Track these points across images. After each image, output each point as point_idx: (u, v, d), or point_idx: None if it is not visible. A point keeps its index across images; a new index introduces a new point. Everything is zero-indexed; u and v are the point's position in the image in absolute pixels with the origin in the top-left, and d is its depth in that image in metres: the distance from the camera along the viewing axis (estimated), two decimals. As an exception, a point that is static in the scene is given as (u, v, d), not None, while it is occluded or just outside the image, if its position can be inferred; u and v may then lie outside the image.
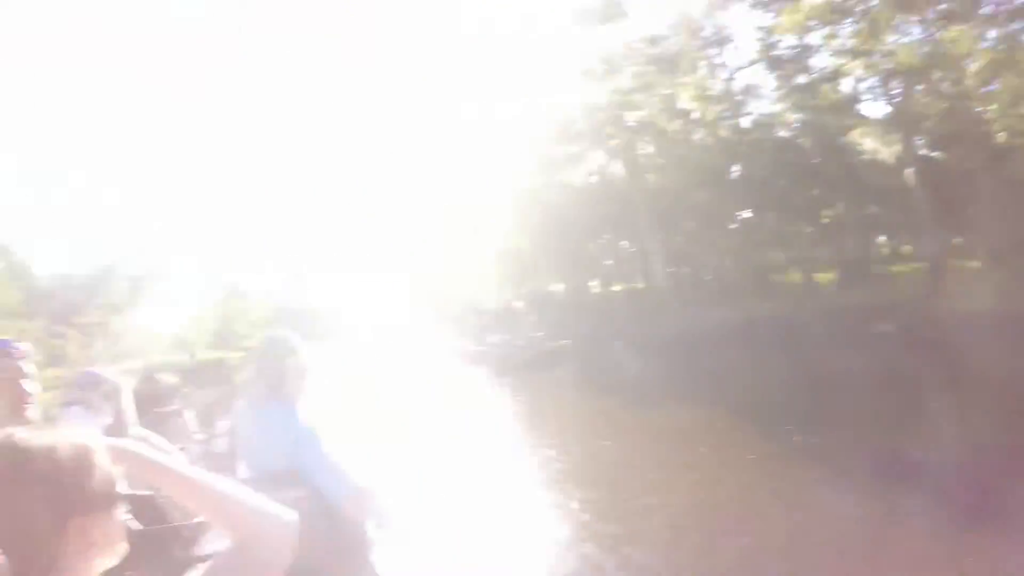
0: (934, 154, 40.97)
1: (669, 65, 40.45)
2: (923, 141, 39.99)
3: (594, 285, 44.74)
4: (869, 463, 11.84)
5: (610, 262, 44.25)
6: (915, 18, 34.32)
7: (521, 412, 19.46)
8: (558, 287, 45.72)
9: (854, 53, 34.31)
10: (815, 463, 12.10)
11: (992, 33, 33.62)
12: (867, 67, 34.32)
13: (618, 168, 42.75)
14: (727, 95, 40.28)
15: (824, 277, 38.71)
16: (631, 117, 41.02)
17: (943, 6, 34.36)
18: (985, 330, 25.78)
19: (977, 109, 33.61)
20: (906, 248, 50.64)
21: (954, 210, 41.16)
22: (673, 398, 19.42)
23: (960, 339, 25.78)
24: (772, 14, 37.99)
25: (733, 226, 39.97)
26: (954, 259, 39.06)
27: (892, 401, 17.67)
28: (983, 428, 15.66)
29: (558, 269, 43.26)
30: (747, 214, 40.47)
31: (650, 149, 42.46)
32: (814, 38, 37.41)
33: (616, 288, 43.37)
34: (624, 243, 43.07)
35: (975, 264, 36.50)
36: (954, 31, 33.94)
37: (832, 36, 35.80)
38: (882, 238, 52.12)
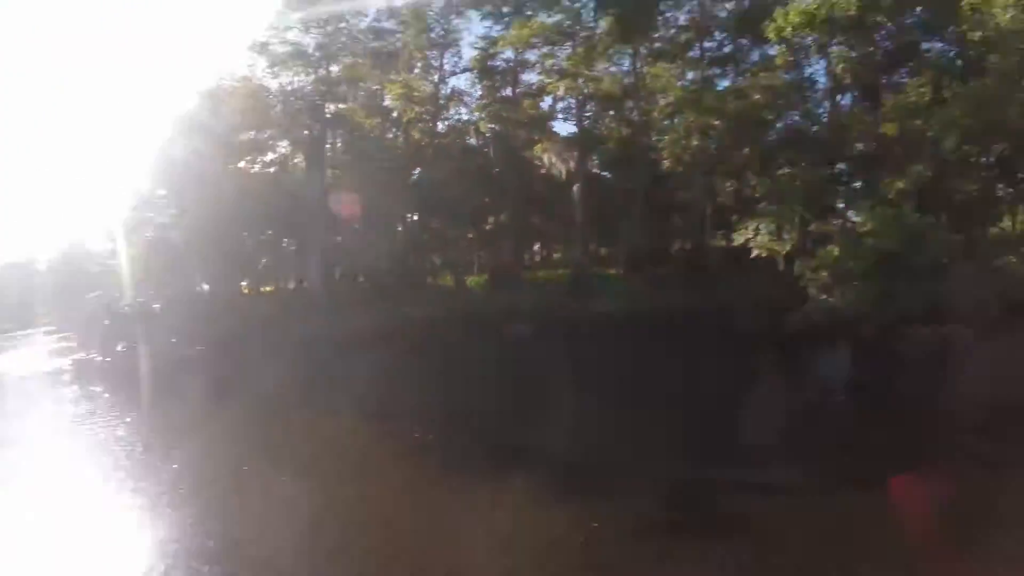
0: (603, 174, 44.57)
1: (387, 60, 39.87)
2: (596, 161, 43.22)
3: (245, 286, 42.32)
4: (483, 460, 13.32)
5: (266, 261, 41.96)
6: (629, 51, 36.77)
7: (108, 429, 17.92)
8: (206, 287, 42.58)
9: (563, 74, 35.82)
10: (433, 460, 13.44)
11: (690, 75, 37.38)
12: (570, 89, 36.18)
13: (300, 161, 41.04)
14: (433, 98, 40.41)
15: (476, 281, 39.99)
16: (331, 108, 39.70)
17: (658, 45, 37.40)
18: (612, 328, 28.52)
19: (655, 138, 36.89)
20: (557, 256, 54.50)
21: (608, 224, 45.22)
22: (298, 404, 19.44)
23: (590, 336, 28.40)
24: (501, 26, 39.35)
25: (399, 229, 40.07)
26: (598, 267, 42.64)
27: (516, 398, 19.66)
28: (593, 420, 16.97)
29: (210, 267, 40.05)
30: (415, 218, 40.77)
31: (339, 144, 41.31)
32: (531, 55, 39.34)
33: (267, 289, 41.53)
34: (285, 242, 41.24)
35: (615, 271, 39.88)
36: (659, 68, 37.19)
37: (549, 56, 37.45)
38: (536, 246, 55.51)
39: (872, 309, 22.97)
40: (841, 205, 33.40)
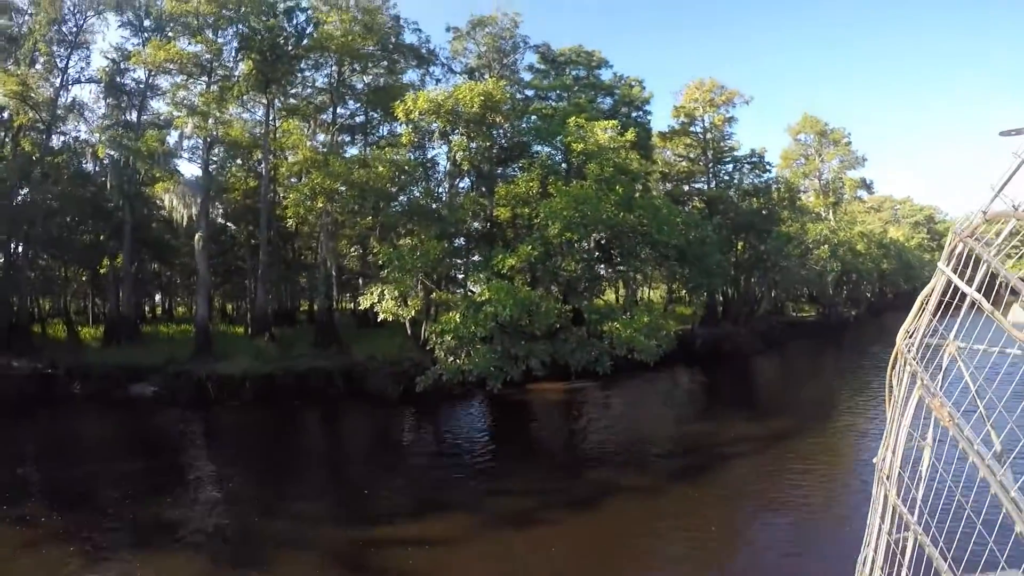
0: (228, 224, 43.25)
1: (7, 45, 34.23)
2: (222, 211, 41.82)
3: None
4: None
5: None
6: (264, 101, 35.86)
7: None
8: None
9: (193, 110, 33.65)
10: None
11: (321, 137, 37.67)
12: (198, 128, 33.97)
13: None
14: (51, 104, 35.35)
15: (91, 333, 36.28)
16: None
17: (293, 101, 37.04)
18: (242, 390, 28.23)
19: (282, 195, 36.63)
20: (181, 310, 51.47)
21: (234, 279, 44.13)
22: None
23: (216, 400, 27.84)
24: (139, 40, 36.33)
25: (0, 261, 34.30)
26: (224, 324, 41.37)
27: (150, 467, 19.06)
28: (240, 490, 16.96)
29: None
30: (20, 249, 35.04)
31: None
32: (164, 81, 36.70)
33: None
34: None
35: (243, 329, 39.07)
36: (292, 124, 36.91)
37: (182, 87, 35.02)
38: (158, 296, 51.91)
39: (496, 368, 26.11)
40: (460, 276, 37.12)
